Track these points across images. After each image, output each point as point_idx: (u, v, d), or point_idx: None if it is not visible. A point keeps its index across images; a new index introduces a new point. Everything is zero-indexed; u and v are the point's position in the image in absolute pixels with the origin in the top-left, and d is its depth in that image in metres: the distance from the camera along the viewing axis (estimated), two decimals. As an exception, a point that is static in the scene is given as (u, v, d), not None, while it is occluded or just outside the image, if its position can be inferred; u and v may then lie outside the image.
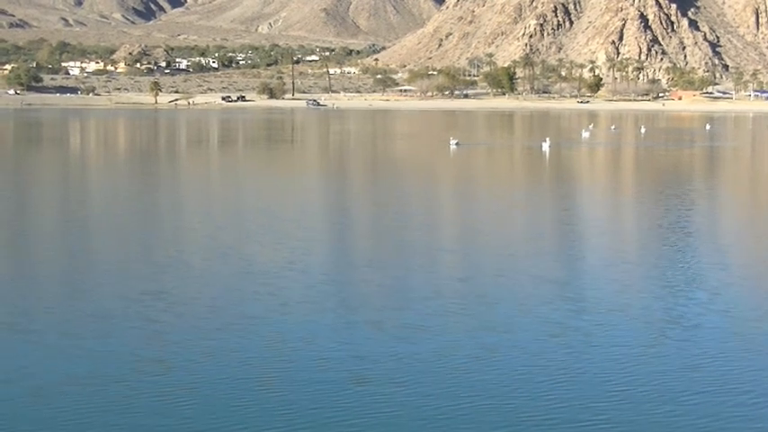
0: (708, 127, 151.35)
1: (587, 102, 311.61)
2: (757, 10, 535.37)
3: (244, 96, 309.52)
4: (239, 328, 21.97)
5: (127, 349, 20.11)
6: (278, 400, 16.95)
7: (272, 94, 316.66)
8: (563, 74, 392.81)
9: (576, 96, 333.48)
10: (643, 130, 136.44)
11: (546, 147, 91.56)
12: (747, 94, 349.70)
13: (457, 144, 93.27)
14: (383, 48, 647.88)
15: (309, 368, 18.87)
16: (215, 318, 22.98)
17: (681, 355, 20.24)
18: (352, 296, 25.76)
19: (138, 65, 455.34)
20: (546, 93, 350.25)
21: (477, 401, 17.02)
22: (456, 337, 21.32)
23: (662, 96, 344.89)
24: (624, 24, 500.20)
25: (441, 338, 21.27)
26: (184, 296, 25.44)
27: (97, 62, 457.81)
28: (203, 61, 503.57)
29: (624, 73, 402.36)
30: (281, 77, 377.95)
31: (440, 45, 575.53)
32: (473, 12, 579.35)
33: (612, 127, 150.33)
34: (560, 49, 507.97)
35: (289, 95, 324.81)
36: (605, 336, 21.74)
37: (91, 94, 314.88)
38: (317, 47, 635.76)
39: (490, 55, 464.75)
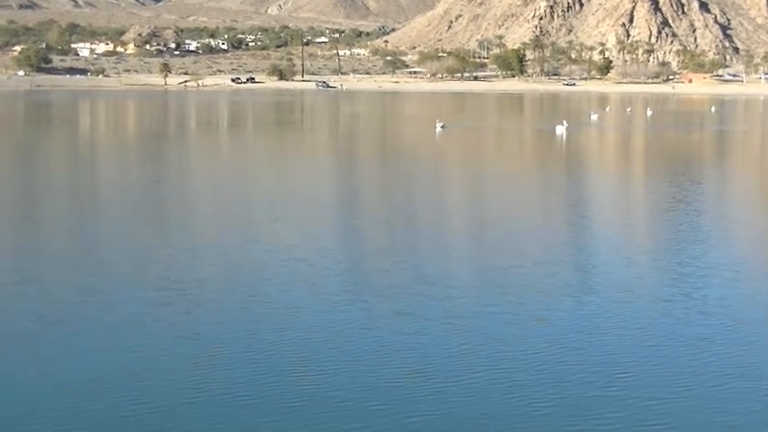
0: (713, 109, 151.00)
1: (573, 84, 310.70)
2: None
3: (253, 78, 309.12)
4: (282, 318, 21.45)
5: (166, 340, 19.74)
6: (330, 393, 16.60)
7: (281, 76, 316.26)
8: (573, 56, 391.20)
9: (585, 78, 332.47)
10: (649, 113, 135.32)
11: (562, 129, 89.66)
12: (758, 76, 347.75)
13: (443, 127, 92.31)
14: (393, 29, 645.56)
15: (360, 360, 18.49)
16: (255, 307, 22.41)
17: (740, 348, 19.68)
18: (385, 284, 25.02)
19: (147, 46, 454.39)
20: (556, 75, 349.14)
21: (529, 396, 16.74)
22: (507, 328, 20.85)
23: (672, 79, 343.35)
24: (634, 6, 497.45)
25: (493, 329, 20.73)
26: (218, 284, 24.88)
27: (107, 43, 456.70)
28: (213, 43, 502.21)
29: (634, 55, 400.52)
30: (290, 59, 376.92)
31: (449, 27, 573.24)
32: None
33: (628, 109, 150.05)
34: (570, 31, 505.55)
35: (298, 77, 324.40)
36: (665, 328, 21.12)
37: (100, 76, 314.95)
38: (326, 28, 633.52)
39: (500, 37, 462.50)
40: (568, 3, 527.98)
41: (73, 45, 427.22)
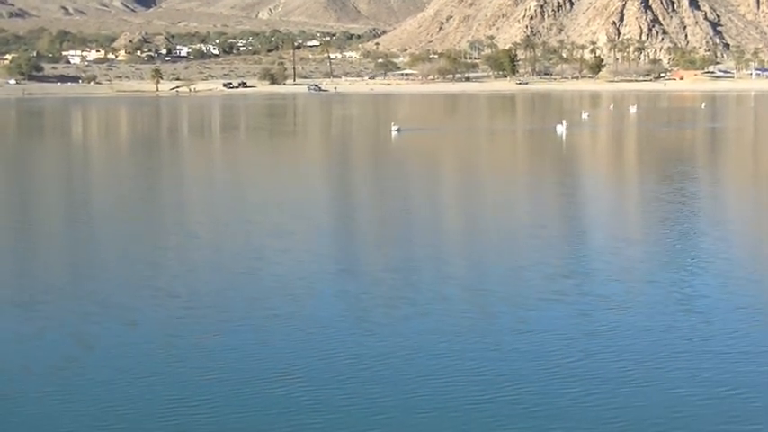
0: (703, 105, 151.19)
1: (526, 83, 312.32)
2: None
3: (245, 83, 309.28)
4: (320, 334, 20.69)
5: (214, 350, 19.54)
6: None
7: (273, 80, 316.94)
8: (564, 55, 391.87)
9: (576, 78, 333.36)
10: (633, 111, 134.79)
11: (561, 129, 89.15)
12: (749, 72, 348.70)
13: (398, 131, 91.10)
14: (384, 32, 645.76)
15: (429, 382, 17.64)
16: (282, 322, 21.69)
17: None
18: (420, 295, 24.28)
19: (138, 53, 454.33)
20: (547, 74, 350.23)
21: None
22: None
23: (663, 76, 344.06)
24: (625, 5, 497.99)
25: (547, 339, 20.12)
26: (245, 296, 24.25)
27: (98, 50, 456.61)
28: (204, 48, 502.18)
29: (625, 53, 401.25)
30: (282, 63, 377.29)
31: (440, 28, 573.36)
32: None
33: (631, 108, 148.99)
34: (561, 30, 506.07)
35: (290, 81, 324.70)
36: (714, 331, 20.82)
37: (92, 83, 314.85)
38: (317, 32, 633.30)
39: (491, 37, 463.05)
40: (559, 2, 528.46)
41: (64, 53, 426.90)
